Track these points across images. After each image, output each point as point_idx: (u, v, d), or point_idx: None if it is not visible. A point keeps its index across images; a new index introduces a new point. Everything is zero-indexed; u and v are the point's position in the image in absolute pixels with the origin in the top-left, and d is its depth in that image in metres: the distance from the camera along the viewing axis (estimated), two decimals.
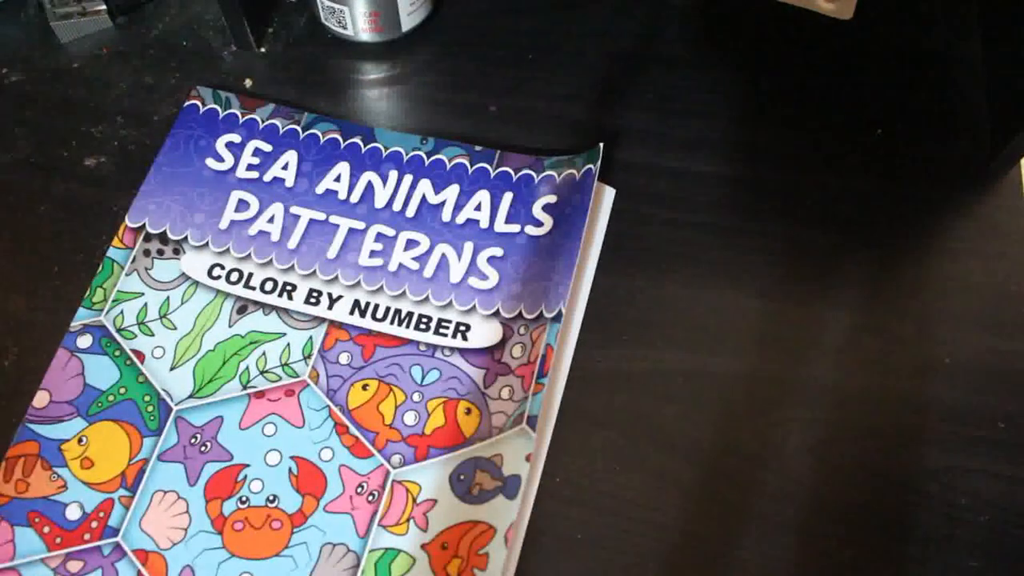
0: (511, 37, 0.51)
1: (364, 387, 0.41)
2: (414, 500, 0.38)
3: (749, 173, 0.46)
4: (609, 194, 0.45)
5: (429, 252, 0.43)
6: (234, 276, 0.43)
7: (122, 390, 0.40)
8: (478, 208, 0.44)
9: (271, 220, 0.44)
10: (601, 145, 0.44)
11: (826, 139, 0.47)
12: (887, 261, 0.44)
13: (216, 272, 0.43)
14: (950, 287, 0.43)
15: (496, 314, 0.42)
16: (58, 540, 0.37)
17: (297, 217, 0.44)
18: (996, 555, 0.37)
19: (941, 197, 0.46)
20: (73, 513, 0.38)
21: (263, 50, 0.51)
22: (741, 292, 0.43)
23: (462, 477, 0.39)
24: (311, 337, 0.42)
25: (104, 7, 0.51)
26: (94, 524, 0.38)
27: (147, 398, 0.40)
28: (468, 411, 0.40)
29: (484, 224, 0.44)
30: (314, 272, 0.43)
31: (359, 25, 0.49)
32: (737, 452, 0.39)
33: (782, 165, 0.46)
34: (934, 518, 0.38)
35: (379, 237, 0.44)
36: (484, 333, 0.41)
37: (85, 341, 0.41)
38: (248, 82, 0.49)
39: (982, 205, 0.45)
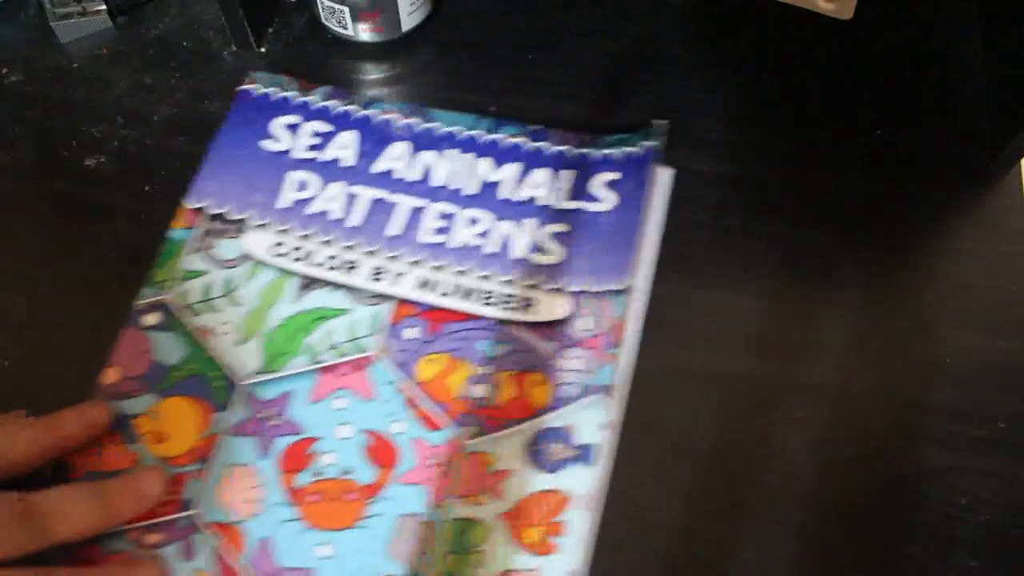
0: (511, 37, 0.51)
1: (433, 361, 0.41)
2: (488, 470, 0.39)
3: (749, 173, 0.46)
4: (666, 174, 0.45)
5: (491, 229, 0.44)
6: (297, 254, 0.43)
7: (190, 366, 0.41)
8: (538, 186, 0.45)
9: (331, 199, 0.45)
10: (667, 122, 0.44)
11: (826, 139, 0.47)
12: (887, 261, 0.44)
13: (279, 250, 0.43)
14: (950, 287, 0.43)
15: (561, 289, 0.42)
16: None
17: (357, 196, 0.45)
18: (996, 555, 0.37)
19: (941, 197, 0.46)
20: None
21: (263, 50, 0.51)
22: (741, 292, 0.43)
23: (535, 447, 0.39)
24: (377, 313, 0.42)
25: (104, 7, 0.51)
26: (171, 497, 0.38)
27: (215, 374, 0.41)
28: (538, 383, 0.40)
29: (545, 201, 0.44)
30: (377, 250, 0.43)
31: (359, 25, 0.49)
32: (737, 452, 0.39)
33: (782, 165, 0.46)
34: (934, 518, 0.38)
35: (440, 215, 0.44)
36: (550, 307, 0.42)
37: (151, 319, 0.42)
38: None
39: (982, 205, 0.45)
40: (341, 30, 0.49)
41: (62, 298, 0.43)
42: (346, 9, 0.48)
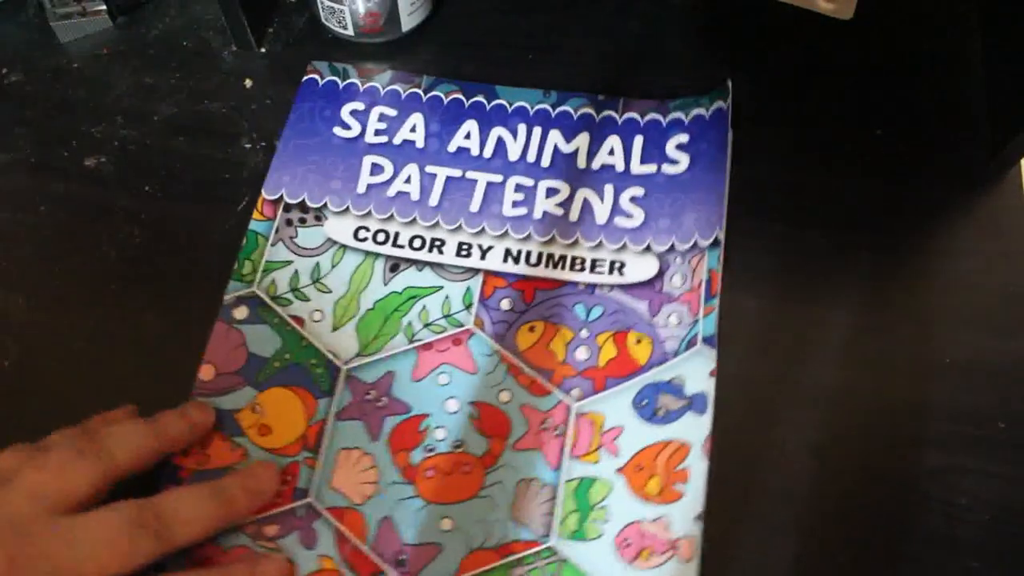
0: (511, 37, 0.51)
1: (531, 329, 0.42)
2: (600, 429, 0.39)
3: (749, 173, 0.46)
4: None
5: (571, 198, 0.45)
6: (380, 237, 0.44)
7: (287, 356, 0.41)
8: (611, 153, 0.46)
9: (408, 180, 0.45)
10: (729, 83, 0.45)
11: (826, 139, 0.47)
12: (887, 261, 0.44)
13: (362, 234, 0.44)
14: (950, 287, 0.43)
15: (648, 249, 0.43)
16: None
17: (434, 176, 0.45)
18: (996, 555, 0.37)
19: (941, 197, 0.46)
20: None
21: (263, 50, 0.51)
22: (742, 292, 0.43)
23: (644, 402, 0.39)
24: (469, 287, 0.43)
25: (104, 7, 0.51)
26: (282, 487, 0.38)
27: (314, 361, 0.41)
28: (638, 340, 0.41)
29: (620, 167, 0.45)
30: (460, 226, 0.44)
31: (359, 25, 0.49)
32: (737, 452, 0.39)
33: (782, 165, 0.46)
34: (934, 518, 0.38)
35: (519, 188, 0.45)
36: (640, 267, 0.43)
37: (241, 312, 0.42)
38: (248, 82, 0.49)
39: (982, 205, 0.45)
40: (341, 30, 0.49)
41: (61, 298, 0.43)
42: (346, 9, 0.48)
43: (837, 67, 0.49)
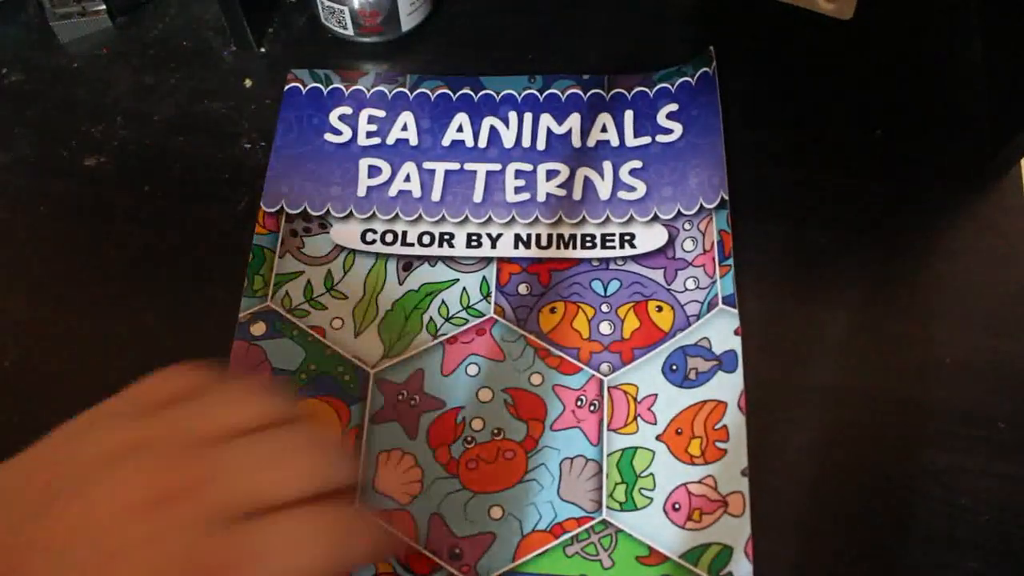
0: (511, 37, 0.51)
1: (552, 310, 0.42)
2: (635, 400, 0.40)
3: (749, 173, 0.46)
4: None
5: (571, 177, 0.45)
6: (389, 237, 0.44)
7: (312, 367, 0.41)
8: (604, 129, 0.46)
9: (407, 179, 0.45)
10: (712, 48, 0.46)
11: (826, 139, 0.47)
12: (887, 261, 0.44)
13: (369, 237, 0.44)
14: (950, 287, 0.43)
15: (655, 218, 0.44)
16: None
17: (432, 171, 0.46)
18: (996, 555, 0.37)
19: (941, 197, 0.45)
20: None
21: (263, 50, 0.51)
22: (742, 292, 0.43)
23: (674, 367, 0.40)
24: (484, 277, 0.43)
25: (104, 7, 0.51)
26: None
27: (340, 368, 0.41)
28: (659, 308, 0.41)
29: (615, 143, 0.46)
30: (466, 218, 0.44)
31: (359, 25, 0.49)
32: None
33: (782, 165, 0.46)
34: (934, 518, 0.38)
35: (519, 174, 0.45)
36: (649, 237, 0.43)
37: (259, 329, 0.42)
38: (248, 82, 0.49)
39: (982, 205, 0.45)
40: (341, 30, 0.49)
41: (61, 298, 0.43)
42: (346, 9, 0.48)
43: (837, 67, 0.49)
